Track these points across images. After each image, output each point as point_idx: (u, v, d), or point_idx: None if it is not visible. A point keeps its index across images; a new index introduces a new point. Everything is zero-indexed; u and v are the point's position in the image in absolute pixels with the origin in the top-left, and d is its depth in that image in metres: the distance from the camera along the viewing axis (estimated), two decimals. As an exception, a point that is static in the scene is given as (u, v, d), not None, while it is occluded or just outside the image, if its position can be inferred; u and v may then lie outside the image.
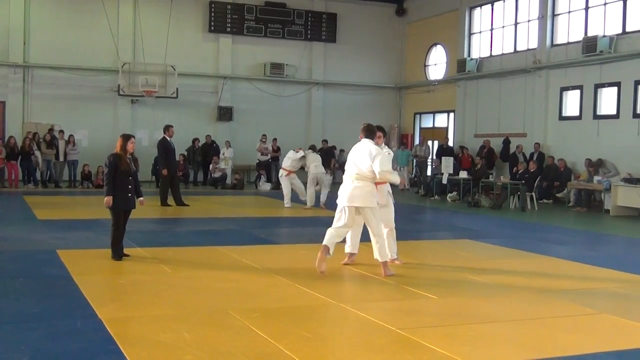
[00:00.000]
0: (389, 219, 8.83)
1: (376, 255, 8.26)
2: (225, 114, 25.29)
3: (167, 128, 16.24)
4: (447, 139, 24.40)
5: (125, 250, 8.96)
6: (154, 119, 23.68)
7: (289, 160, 16.58)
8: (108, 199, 8.67)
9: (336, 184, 24.96)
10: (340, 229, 8.30)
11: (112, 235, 8.79)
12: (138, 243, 9.96)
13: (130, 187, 8.83)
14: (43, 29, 23.25)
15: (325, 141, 24.77)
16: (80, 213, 14.44)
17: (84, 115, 23.59)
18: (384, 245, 8.27)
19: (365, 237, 8.66)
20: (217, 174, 23.33)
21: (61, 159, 21.65)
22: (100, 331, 5.58)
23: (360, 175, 8.16)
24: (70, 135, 21.97)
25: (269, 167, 23.89)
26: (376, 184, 8.41)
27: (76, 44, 23.41)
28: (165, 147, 16.02)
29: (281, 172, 16.86)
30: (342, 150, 24.53)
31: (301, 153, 16.62)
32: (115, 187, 8.69)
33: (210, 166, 23.50)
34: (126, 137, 8.98)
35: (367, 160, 8.08)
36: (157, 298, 6.87)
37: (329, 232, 8.28)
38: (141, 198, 9.15)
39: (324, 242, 8.19)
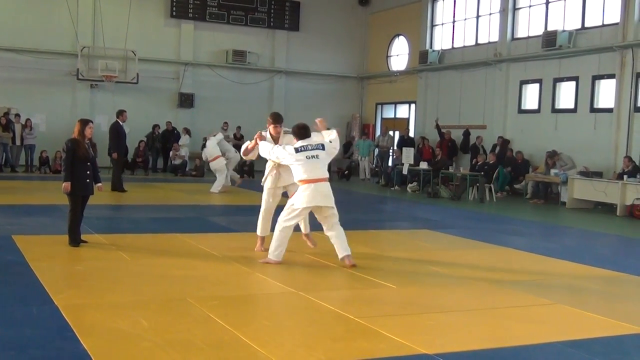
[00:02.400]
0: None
1: None
2: (186, 100, 25.08)
3: (120, 113, 16.22)
4: (407, 129, 24.51)
5: (83, 237, 8.87)
6: (113, 104, 23.20)
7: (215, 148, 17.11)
8: (66, 185, 8.56)
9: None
10: None
11: (70, 221, 8.68)
12: (96, 229, 9.85)
13: (88, 172, 8.73)
14: (-1, 10, 22.78)
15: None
16: (37, 198, 14.22)
17: (41, 100, 23.16)
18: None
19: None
20: (177, 161, 23.14)
21: (18, 143, 21.26)
22: (56, 318, 5.51)
23: None
24: (27, 119, 21.57)
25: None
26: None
27: (34, 26, 22.92)
28: (117, 132, 16.04)
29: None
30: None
31: (220, 136, 17.32)
32: (74, 173, 8.59)
33: (171, 153, 23.29)
34: (84, 122, 8.87)
35: None
36: (114, 285, 6.81)
37: None
38: (99, 184, 9.06)
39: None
